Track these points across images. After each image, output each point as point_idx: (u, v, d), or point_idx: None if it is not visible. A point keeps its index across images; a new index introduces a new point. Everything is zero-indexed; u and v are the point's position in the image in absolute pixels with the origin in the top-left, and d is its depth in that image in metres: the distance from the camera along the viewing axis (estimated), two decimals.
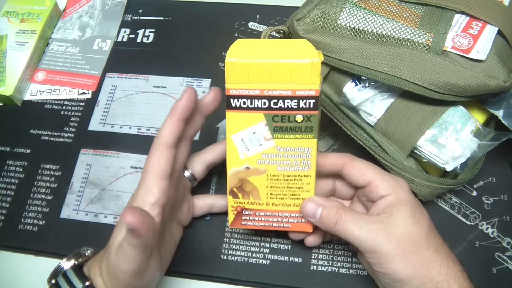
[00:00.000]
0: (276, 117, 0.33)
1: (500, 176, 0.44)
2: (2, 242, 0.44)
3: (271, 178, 0.35)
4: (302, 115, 0.32)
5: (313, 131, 0.33)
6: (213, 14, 0.56)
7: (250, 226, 0.37)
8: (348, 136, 0.40)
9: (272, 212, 0.36)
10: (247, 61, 0.31)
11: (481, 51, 0.34)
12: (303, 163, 0.34)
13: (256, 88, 0.32)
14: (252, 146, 0.34)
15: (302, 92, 0.32)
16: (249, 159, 0.34)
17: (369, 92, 0.38)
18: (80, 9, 0.58)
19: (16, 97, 0.51)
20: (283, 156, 0.34)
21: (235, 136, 0.34)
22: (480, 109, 0.39)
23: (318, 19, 0.38)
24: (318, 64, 0.31)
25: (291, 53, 0.31)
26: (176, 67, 0.53)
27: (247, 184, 0.35)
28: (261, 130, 0.33)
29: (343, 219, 0.32)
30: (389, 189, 0.33)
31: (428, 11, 0.37)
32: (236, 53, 0.32)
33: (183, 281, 0.41)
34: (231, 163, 0.35)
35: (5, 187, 0.47)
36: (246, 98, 0.32)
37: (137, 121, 0.49)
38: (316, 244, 0.39)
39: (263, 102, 0.32)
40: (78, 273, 0.33)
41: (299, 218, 0.36)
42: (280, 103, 0.32)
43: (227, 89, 0.32)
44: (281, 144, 0.34)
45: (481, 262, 0.40)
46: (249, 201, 0.36)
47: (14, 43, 0.53)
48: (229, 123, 0.33)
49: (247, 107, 0.33)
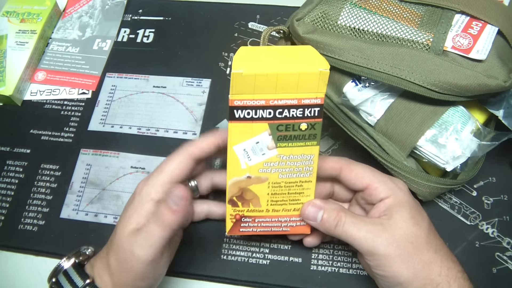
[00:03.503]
0: (281, 126, 0.32)
1: (500, 176, 0.44)
2: (2, 242, 0.44)
3: (272, 186, 0.34)
4: (306, 123, 0.32)
5: (316, 138, 0.33)
6: (213, 14, 0.56)
7: (249, 233, 0.36)
8: (348, 136, 0.40)
9: (272, 217, 0.36)
10: (255, 73, 0.30)
11: (481, 51, 0.34)
12: (305, 169, 0.34)
13: (261, 98, 0.31)
14: (255, 155, 0.33)
15: (308, 100, 0.31)
16: (251, 168, 0.34)
17: (369, 92, 0.38)
18: (80, 9, 0.58)
19: (16, 97, 0.51)
20: (285, 164, 0.33)
21: (237, 147, 0.33)
22: (480, 109, 0.39)
23: (318, 19, 0.38)
24: (326, 73, 0.30)
25: (298, 61, 0.31)
26: (176, 67, 0.53)
27: (247, 192, 0.35)
28: (264, 140, 0.33)
29: (343, 220, 0.32)
30: (388, 192, 0.33)
31: (428, 11, 0.37)
32: (242, 63, 0.30)
33: (183, 281, 0.41)
34: (231, 173, 0.34)
35: (5, 187, 0.47)
36: (251, 108, 0.31)
37: (137, 121, 0.49)
38: (315, 245, 0.39)
39: (268, 112, 0.31)
40: (79, 271, 0.33)
41: (298, 221, 0.36)
42: (286, 112, 0.31)
43: (231, 100, 0.31)
44: (284, 153, 0.33)
45: (481, 262, 0.40)
46: (249, 208, 0.35)
47: (14, 43, 0.53)
48: (231, 134, 0.32)
49: (251, 117, 0.32)
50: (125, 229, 0.32)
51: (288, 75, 0.30)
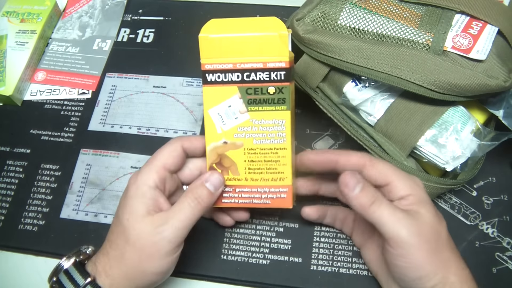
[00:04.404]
0: (250, 90, 0.34)
1: (500, 176, 0.44)
2: (2, 242, 0.44)
3: (248, 152, 0.36)
4: (274, 87, 0.34)
5: (286, 103, 0.34)
6: (213, 14, 0.56)
7: (231, 204, 0.37)
8: (348, 136, 0.40)
9: (251, 187, 0.36)
10: (219, 36, 0.34)
11: (481, 51, 0.34)
12: (278, 135, 0.35)
13: (229, 62, 0.34)
14: (228, 119, 0.35)
15: (273, 64, 0.34)
16: (226, 133, 0.35)
17: (369, 92, 0.38)
18: (80, 9, 0.58)
19: (16, 97, 0.51)
20: (258, 129, 0.35)
21: (211, 111, 0.35)
22: (480, 109, 0.39)
23: (318, 19, 0.38)
24: (286, 35, 0.33)
25: (261, 27, 0.33)
26: (176, 67, 0.53)
27: (225, 159, 0.36)
28: (236, 104, 0.35)
29: (381, 200, 0.32)
30: (407, 190, 0.33)
31: (428, 11, 0.37)
32: (209, 30, 0.34)
33: (183, 281, 0.41)
34: (209, 138, 0.36)
35: (5, 187, 0.47)
36: (220, 72, 0.34)
37: (137, 121, 0.49)
38: (311, 217, 0.39)
39: (236, 75, 0.34)
40: (80, 270, 0.33)
41: (278, 193, 0.36)
42: (253, 76, 0.34)
43: (202, 64, 0.34)
44: (256, 117, 0.35)
45: (481, 262, 0.40)
46: (229, 177, 0.36)
47: (14, 43, 0.53)
48: (205, 97, 0.35)
49: (222, 81, 0.34)
50: (135, 216, 0.33)
51: (250, 38, 0.33)
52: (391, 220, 0.31)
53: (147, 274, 0.33)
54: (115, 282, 0.32)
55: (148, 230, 0.32)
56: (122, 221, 0.33)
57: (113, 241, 0.34)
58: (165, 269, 0.33)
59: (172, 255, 0.33)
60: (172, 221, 0.32)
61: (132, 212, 0.33)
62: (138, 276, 0.33)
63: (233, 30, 0.34)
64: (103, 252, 0.34)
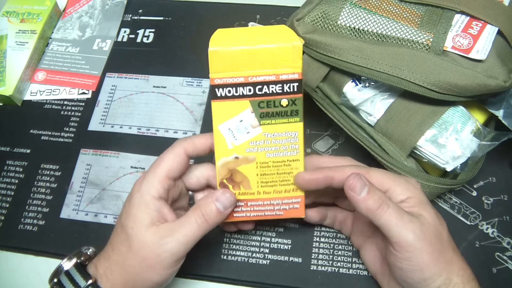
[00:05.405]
0: (262, 103, 0.33)
1: (500, 176, 0.44)
2: (2, 242, 0.44)
3: (260, 166, 0.35)
4: (287, 99, 0.33)
5: (299, 115, 0.34)
6: (213, 14, 0.56)
7: (243, 218, 0.36)
8: (348, 136, 0.40)
9: (264, 200, 0.36)
10: (230, 49, 0.31)
11: (481, 51, 0.34)
12: (291, 147, 0.34)
13: (240, 75, 0.32)
14: (240, 134, 0.34)
15: (286, 76, 0.32)
16: (237, 148, 0.34)
17: (369, 92, 0.38)
18: (80, 9, 0.58)
19: (16, 97, 0.51)
20: (271, 142, 0.34)
21: (222, 126, 0.34)
22: (480, 109, 0.39)
23: (318, 19, 0.38)
24: (299, 47, 0.31)
25: (272, 38, 0.32)
26: (176, 67, 0.53)
27: (237, 174, 0.35)
28: (247, 118, 0.33)
29: (388, 204, 0.32)
30: (407, 193, 0.33)
31: (428, 11, 0.37)
32: (218, 42, 0.32)
33: (183, 281, 0.41)
34: (219, 153, 0.34)
35: (5, 187, 0.47)
36: (231, 86, 0.33)
37: (137, 121, 0.49)
38: (314, 220, 0.39)
39: (248, 89, 0.33)
40: (81, 271, 0.33)
41: (291, 204, 0.36)
42: (265, 89, 0.33)
43: (212, 78, 0.32)
44: (269, 130, 0.34)
45: (481, 262, 0.40)
46: (240, 191, 0.35)
47: (14, 43, 0.53)
48: (215, 113, 0.33)
49: (232, 95, 0.33)
50: (139, 225, 0.32)
51: (262, 50, 0.31)
52: (398, 225, 0.31)
53: (147, 282, 0.33)
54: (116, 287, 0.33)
55: (151, 240, 0.32)
56: (126, 228, 0.33)
57: (115, 246, 0.33)
58: (164, 279, 0.33)
59: (173, 267, 0.33)
60: (177, 235, 0.32)
61: (136, 221, 0.33)
62: (138, 284, 0.33)
63: (243, 42, 0.32)
64: (104, 256, 0.34)
